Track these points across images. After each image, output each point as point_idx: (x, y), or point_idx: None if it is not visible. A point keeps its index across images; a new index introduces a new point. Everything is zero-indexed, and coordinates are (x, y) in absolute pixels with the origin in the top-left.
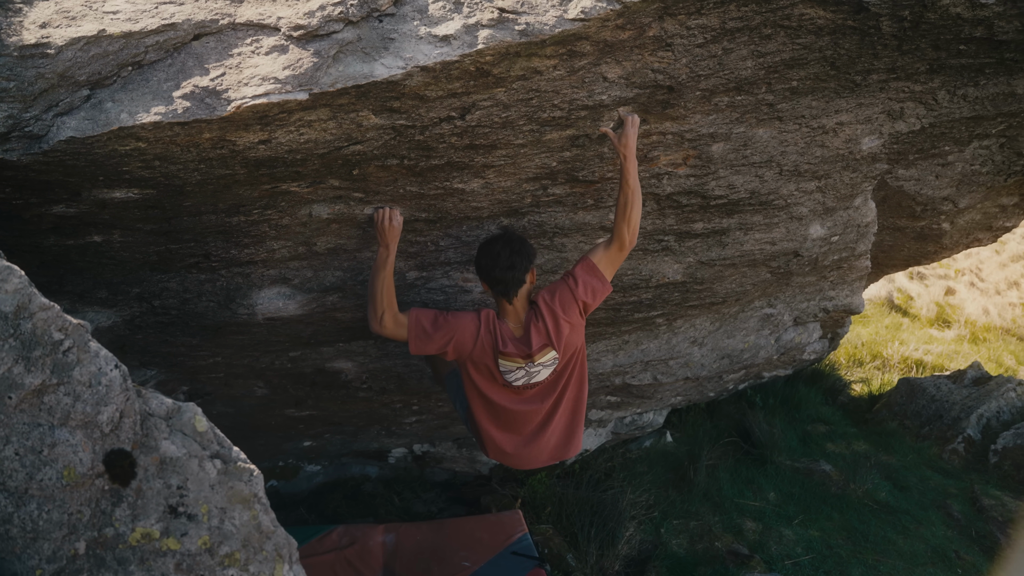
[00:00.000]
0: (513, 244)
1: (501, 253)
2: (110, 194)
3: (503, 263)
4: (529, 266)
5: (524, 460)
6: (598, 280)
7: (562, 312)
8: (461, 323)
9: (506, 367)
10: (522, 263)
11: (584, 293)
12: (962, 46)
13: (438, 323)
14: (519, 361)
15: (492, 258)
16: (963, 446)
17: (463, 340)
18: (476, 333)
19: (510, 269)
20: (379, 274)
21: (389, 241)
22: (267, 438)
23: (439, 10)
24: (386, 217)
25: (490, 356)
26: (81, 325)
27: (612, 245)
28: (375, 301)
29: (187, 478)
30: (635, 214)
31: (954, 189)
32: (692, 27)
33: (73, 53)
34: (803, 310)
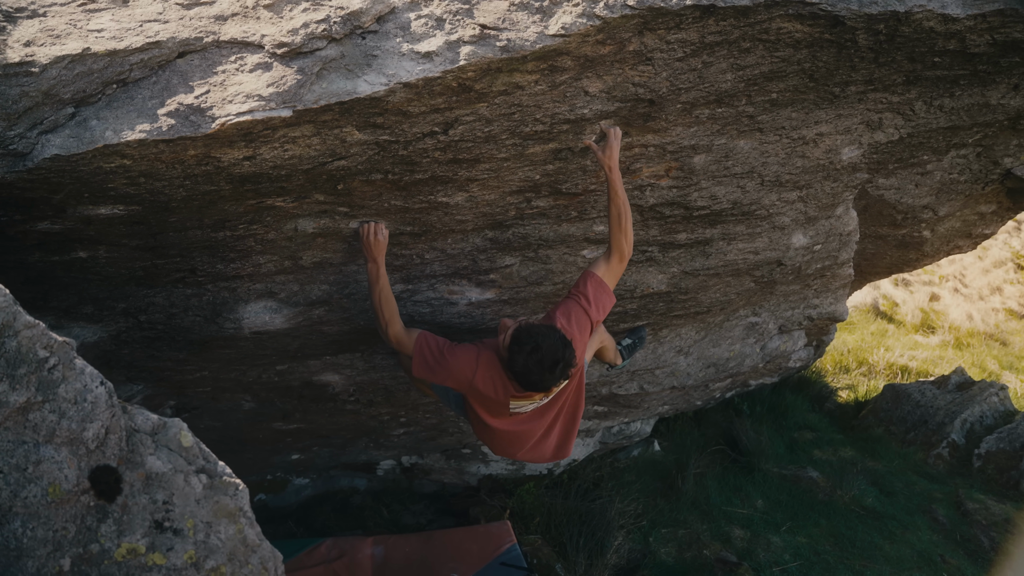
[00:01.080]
0: (567, 361)
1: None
2: (95, 210)
3: (554, 381)
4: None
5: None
6: (606, 296)
7: (578, 334)
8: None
9: (519, 405)
10: (564, 372)
11: (596, 311)
12: (936, 58)
13: (441, 361)
14: (536, 399)
15: (542, 381)
16: (948, 451)
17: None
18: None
19: (562, 379)
20: (374, 289)
21: (376, 255)
22: (255, 452)
23: (421, 27)
24: (371, 232)
25: (495, 397)
26: (66, 343)
27: (612, 257)
28: (378, 315)
29: (173, 493)
30: (629, 224)
31: (934, 197)
32: (672, 41)
33: (58, 71)
34: (788, 318)
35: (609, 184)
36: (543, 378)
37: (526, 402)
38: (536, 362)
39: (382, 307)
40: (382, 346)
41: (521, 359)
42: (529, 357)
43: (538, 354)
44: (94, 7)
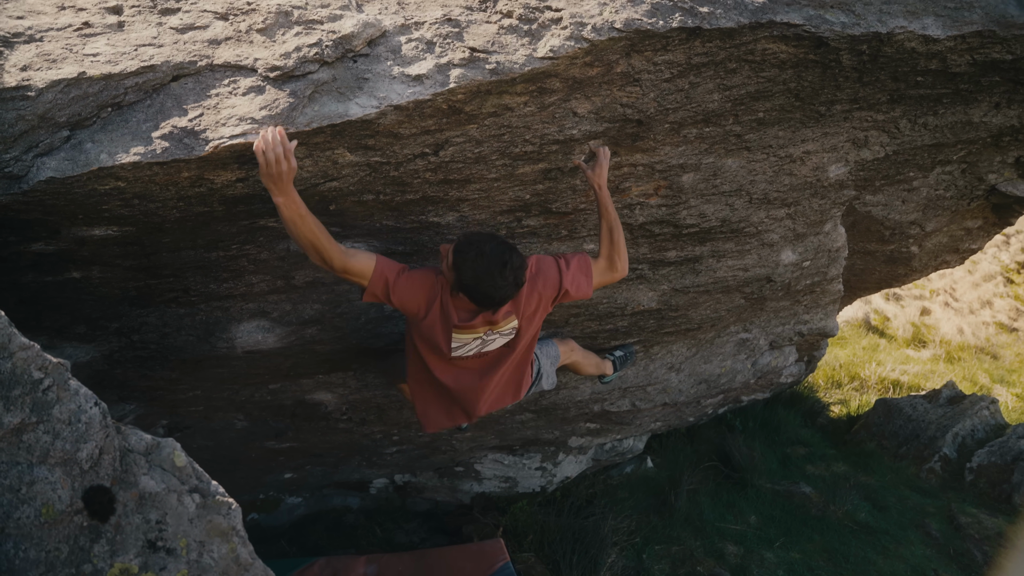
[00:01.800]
0: (511, 262)
1: (497, 280)
2: (89, 232)
3: (500, 295)
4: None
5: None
6: (585, 279)
7: (541, 285)
8: (419, 286)
9: (460, 340)
10: (521, 278)
11: (569, 281)
12: (919, 78)
13: (399, 284)
14: (478, 331)
15: (489, 283)
16: (940, 465)
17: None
18: (430, 303)
19: (516, 286)
20: (301, 225)
21: (285, 186)
22: (247, 471)
23: (412, 50)
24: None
25: (441, 334)
26: (61, 364)
27: (602, 262)
28: (317, 250)
29: (166, 513)
30: (621, 241)
31: (920, 213)
32: (659, 63)
33: (54, 95)
34: (778, 334)
35: (599, 203)
36: (495, 283)
37: (468, 335)
38: (484, 268)
39: (317, 242)
40: (375, 364)
41: (469, 268)
42: (476, 263)
43: (483, 259)
44: (90, 32)
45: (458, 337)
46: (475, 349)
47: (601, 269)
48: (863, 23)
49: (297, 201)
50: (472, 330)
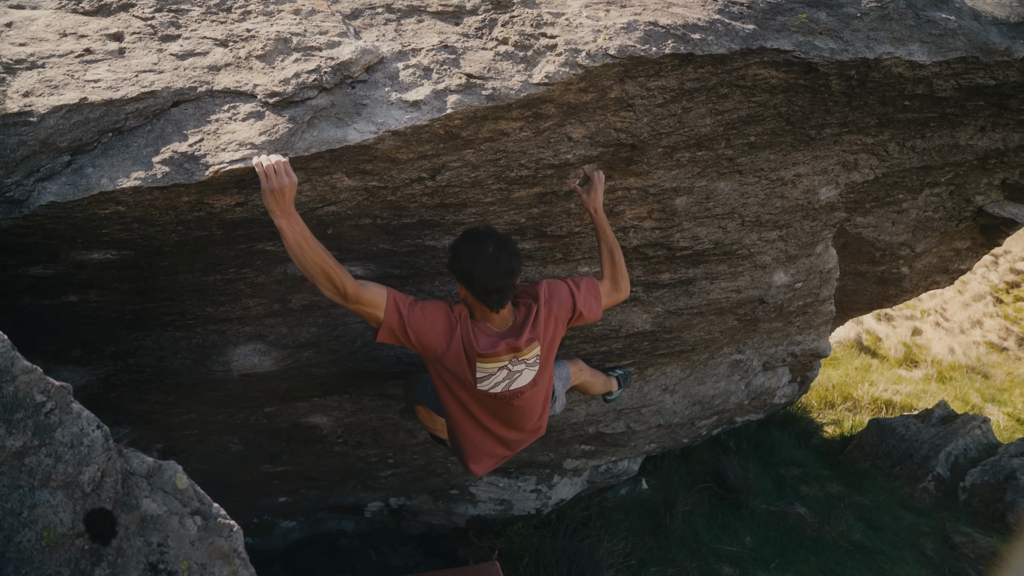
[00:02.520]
0: (508, 246)
1: (500, 259)
2: (88, 255)
3: (503, 269)
4: (523, 267)
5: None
6: (596, 301)
7: (556, 308)
8: (435, 318)
9: (485, 371)
10: (519, 266)
11: (582, 302)
12: (907, 102)
13: (414, 315)
14: (503, 359)
15: (488, 265)
16: (933, 484)
17: (434, 341)
18: (450, 334)
19: (510, 275)
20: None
21: (288, 206)
22: (242, 495)
23: (409, 76)
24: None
25: (466, 365)
26: (63, 387)
27: (607, 283)
28: (328, 276)
29: (168, 535)
30: (622, 262)
31: (910, 235)
32: (652, 88)
33: (55, 120)
34: (771, 355)
35: (596, 226)
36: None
37: (493, 365)
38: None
39: (326, 267)
40: (371, 388)
41: (466, 257)
42: (471, 249)
43: (478, 240)
44: (91, 58)
45: (483, 367)
46: (503, 383)
47: (607, 290)
48: (851, 49)
49: (300, 224)
50: (497, 358)
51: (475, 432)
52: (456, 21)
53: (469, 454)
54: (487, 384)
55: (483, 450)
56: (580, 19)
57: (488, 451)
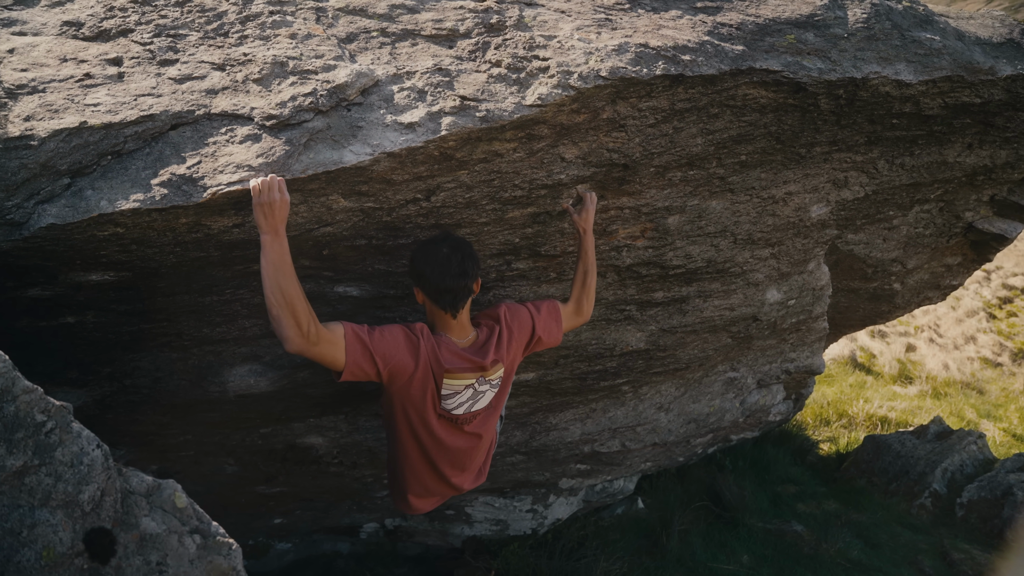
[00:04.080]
0: (462, 248)
1: (451, 258)
2: (86, 277)
3: (454, 269)
4: (478, 272)
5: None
6: (556, 325)
7: (517, 331)
8: (396, 339)
9: (451, 388)
10: (473, 268)
11: (542, 327)
12: (895, 120)
13: (375, 340)
14: (469, 377)
15: (440, 265)
16: (930, 501)
17: (403, 361)
18: (416, 351)
19: (462, 276)
20: (285, 273)
21: (278, 224)
22: (237, 517)
23: (404, 99)
24: (271, 189)
25: (432, 387)
26: (64, 407)
27: (570, 305)
28: (295, 310)
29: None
30: (592, 286)
31: (901, 251)
32: (643, 109)
33: (55, 144)
34: (766, 372)
35: (582, 245)
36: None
37: (459, 382)
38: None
39: (301, 299)
40: (367, 408)
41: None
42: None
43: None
44: (91, 83)
45: (449, 384)
46: (466, 404)
47: (569, 313)
48: (839, 69)
49: (285, 247)
50: (463, 376)
51: (424, 469)
52: (450, 44)
53: (412, 489)
54: (451, 403)
55: (429, 487)
56: (572, 41)
57: (434, 490)
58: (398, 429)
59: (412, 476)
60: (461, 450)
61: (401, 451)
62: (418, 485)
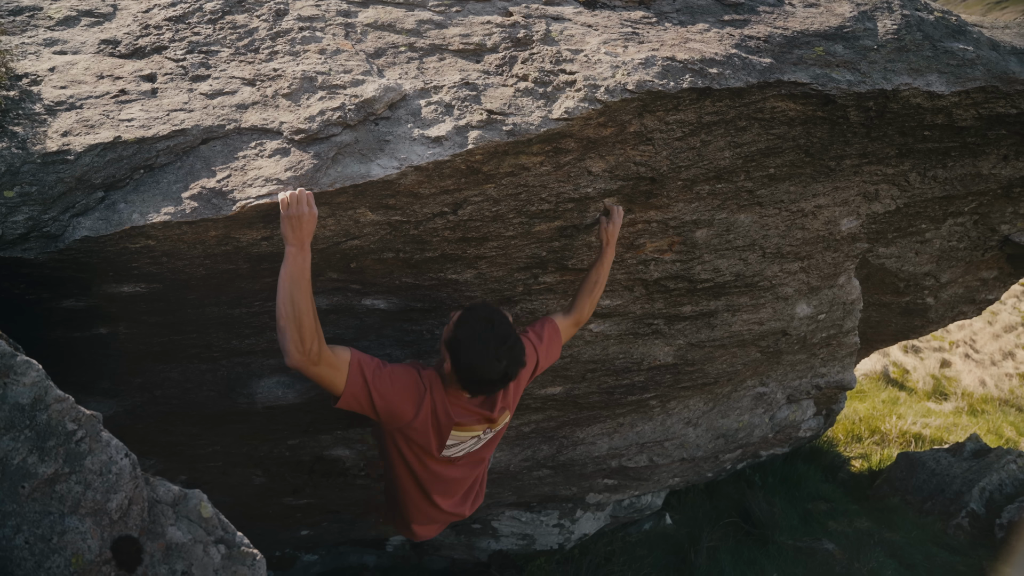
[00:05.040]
0: (515, 350)
1: (501, 359)
2: (118, 288)
3: (498, 375)
4: (522, 365)
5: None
6: (556, 347)
7: (523, 372)
8: (402, 384)
9: (458, 439)
10: (517, 372)
11: (544, 354)
12: (927, 132)
13: (378, 379)
14: (477, 429)
15: (488, 362)
16: (967, 521)
17: (402, 409)
18: (419, 401)
19: (503, 381)
20: (301, 287)
21: (304, 237)
22: (264, 528)
23: (431, 113)
24: (299, 202)
25: (433, 434)
26: (93, 416)
27: (571, 317)
28: (301, 325)
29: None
30: (598, 295)
31: (934, 265)
32: (671, 122)
33: (91, 158)
34: (795, 388)
35: (602, 256)
36: (495, 368)
37: (467, 434)
38: (484, 350)
39: (311, 315)
40: None
41: (468, 348)
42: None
43: (484, 335)
44: (125, 98)
45: (457, 435)
46: (467, 447)
47: (568, 326)
48: (868, 80)
49: (307, 262)
50: (471, 428)
51: (421, 499)
52: (477, 59)
53: (415, 518)
54: (453, 451)
55: (430, 516)
56: (599, 55)
57: (436, 517)
58: (393, 462)
59: (412, 506)
60: (456, 479)
61: (398, 481)
62: (419, 515)
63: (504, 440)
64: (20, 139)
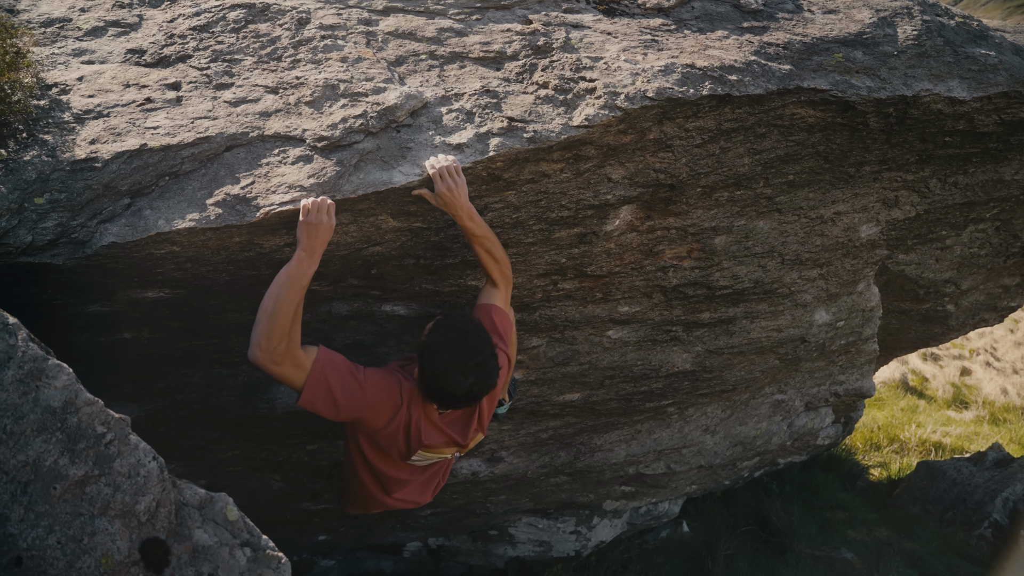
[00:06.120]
0: (485, 368)
1: (467, 375)
2: (143, 294)
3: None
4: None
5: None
6: (510, 325)
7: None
8: (375, 395)
9: (424, 458)
10: (486, 392)
11: (512, 355)
12: (947, 138)
13: (348, 389)
14: (445, 452)
15: (453, 376)
16: (991, 531)
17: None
18: (394, 412)
19: (471, 399)
20: (293, 289)
21: (317, 246)
22: (282, 533)
23: (452, 120)
24: (319, 210)
25: (402, 444)
26: (122, 419)
27: (500, 285)
28: (275, 322)
29: (218, 566)
30: (503, 253)
31: (955, 271)
32: (690, 129)
33: (118, 166)
34: (814, 395)
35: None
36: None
37: (434, 455)
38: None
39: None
40: None
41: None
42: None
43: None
44: (151, 107)
45: (424, 455)
46: (433, 463)
47: (505, 297)
48: (889, 87)
49: (310, 271)
50: (439, 451)
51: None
52: (497, 66)
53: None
54: (418, 461)
55: (367, 501)
56: (618, 63)
57: (373, 505)
58: (352, 454)
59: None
60: (418, 482)
61: (350, 470)
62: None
63: (522, 447)
64: (50, 147)
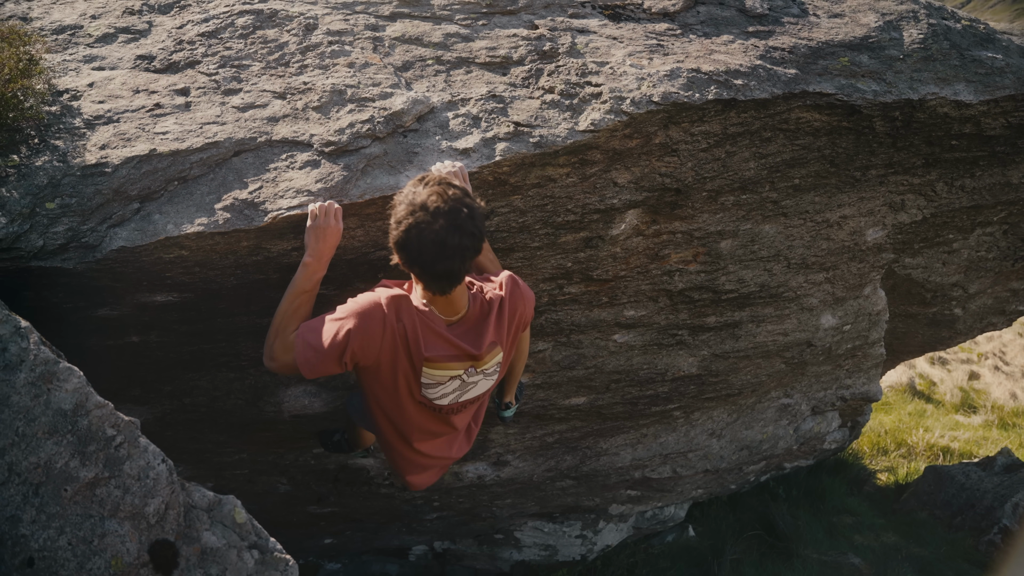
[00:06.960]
0: (460, 222)
1: (447, 240)
2: (151, 298)
3: (450, 251)
4: (481, 244)
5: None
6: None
7: (522, 307)
8: (357, 312)
9: (432, 378)
10: (474, 244)
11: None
12: (954, 141)
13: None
14: (455, 368)
15: (436, 246)
16: (1000, 537)
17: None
18: (379, 341)
19: (459, 259)
20: (300, 294)
21: (325, 251)
22: (288, 536)
23: (459, 125)
24: (327, 214)
25: (405, 362)
26: (132, 422)
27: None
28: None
29: (226, 568)
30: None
31: (962, 275)
32: (696, 133)
33: (127, 171)
34: (820, 399)
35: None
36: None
37: (443, 373)
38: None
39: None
40: None
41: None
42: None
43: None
44: (160, 112)
45: (430, 373)
46: (452, 395)
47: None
48: (895, 90)
49: (318, 277)
50: (447, 366)
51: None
52: (503, 71)
53: (407, 470)
54: (433, 392)
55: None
56: (624, 67)
57: (427, 464)
58: (371, 409)
59: (400, 458)
60: (445, 435)
61: (379, 433)
62: (405, 463)
63: (528, 450)
64: (61, 152)
